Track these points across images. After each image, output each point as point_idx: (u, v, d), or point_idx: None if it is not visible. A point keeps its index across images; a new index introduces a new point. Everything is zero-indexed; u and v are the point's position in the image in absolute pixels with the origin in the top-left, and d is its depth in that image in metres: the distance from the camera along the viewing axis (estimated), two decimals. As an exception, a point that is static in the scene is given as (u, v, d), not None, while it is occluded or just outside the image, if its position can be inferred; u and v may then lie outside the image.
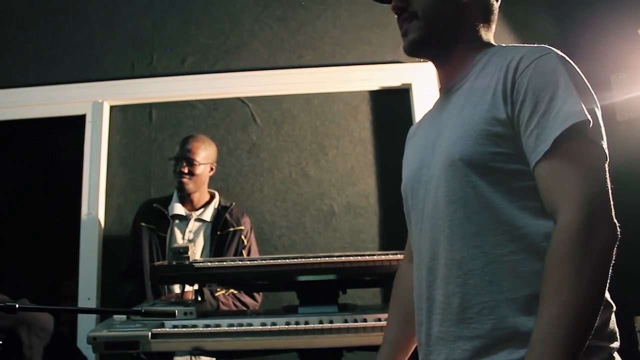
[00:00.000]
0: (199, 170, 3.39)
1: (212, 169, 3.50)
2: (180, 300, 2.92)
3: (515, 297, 1.30)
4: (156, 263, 2.93)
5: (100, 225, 3.90)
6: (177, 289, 3.22)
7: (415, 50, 1.57)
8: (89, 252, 3.85)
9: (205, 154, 3.43)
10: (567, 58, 1.37)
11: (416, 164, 1.58)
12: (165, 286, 3.23)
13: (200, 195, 3.49)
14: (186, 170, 3.36)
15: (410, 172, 1.61)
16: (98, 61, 4.20)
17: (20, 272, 4.38)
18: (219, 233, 3.37)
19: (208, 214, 3.45)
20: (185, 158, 3.37)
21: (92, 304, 3.75)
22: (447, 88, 1.59)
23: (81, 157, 4.02)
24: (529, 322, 1.26)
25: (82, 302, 3.77)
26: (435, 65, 1.64)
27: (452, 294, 1.38)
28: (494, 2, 1.56)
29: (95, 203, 3.91)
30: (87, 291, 3.80)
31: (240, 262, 2.65)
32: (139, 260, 3.34)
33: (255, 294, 3.29)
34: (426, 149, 1.55)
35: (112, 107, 4.11)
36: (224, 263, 2.67)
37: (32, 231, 5.01)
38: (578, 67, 1.36)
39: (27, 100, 4.14)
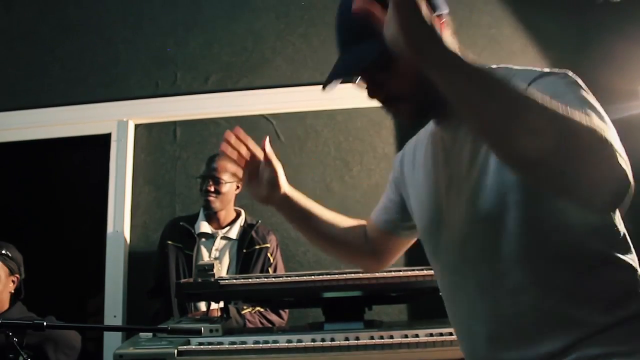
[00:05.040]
0: (225, 188, 3.39)
1: (238, 187, 3.50)
2: (207, 317, 2.93)
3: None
4: (182, 281, 2.94)
5: (126, 242, 3.93)
6: (203, 306, 3.23)
7: (415, 125, 1.48)
8: (115, 270, 3.87)
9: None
10: (580, 82, 1.27)
11: (430, 213, 1.50)
12: (192, 304, 3.23)
13: (227, 213, 3.50)
14: (212, 189, 3.37)
15: (426, 221, 1.52)
16: (123, 80, 4.25)
17: (47, 290, 4.41)
18: (245, 251, 3.37)
19: (234, 232, 3.46)
20: (212, 177, 3.38)
21: (118, 321, 3.76)
22: (445, 120, 1.45)
23: (107, 176, 4.06)
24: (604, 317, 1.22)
25: (108, 320, 3.79)
26: None
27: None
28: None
29: (120, 221, 3.93)
30: (113, 309, 3.82)
31: (265, 280, 2.65)
32: (166, 278, 3.35)
33: (281, 311, 3.28)
34: (438, 194, 1.47)
35: (137, 126, 4.15)
36: (249, 280, 2.67)
37: (58, 249, 5.05)
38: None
39: (53, 120, 4.20)
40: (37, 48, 4.37)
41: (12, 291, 3.07)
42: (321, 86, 1.44)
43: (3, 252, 3.08)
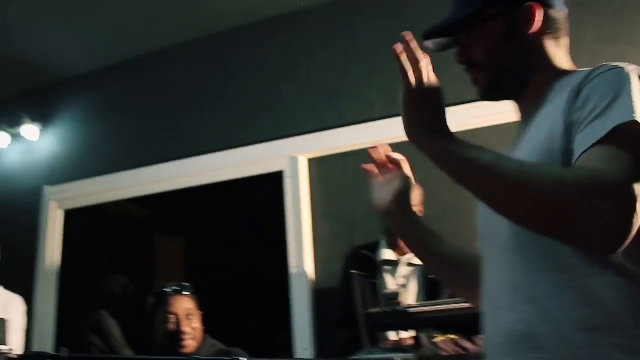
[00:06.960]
0: (410, 213, 3.34)
1: (420, 211, 3.43)
2: (398, 347, 2.89)
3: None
4: (370, 310, 2.92)
5: (309, 276, 3.99)
6: (393, 335, 3.19)
7: (488, 99, 1.49)
8: (301, 303, 3.95)
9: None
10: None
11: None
12: (383, 333, 3.20)
13: (410, 240, 3.44)
14: (397, 214, 3.32)
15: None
16: (289, 117, 4.36)
17: (237, 326, 4.58)
18: (430, 277, 3.29)
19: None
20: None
21: (308, 354, 3.82)
22: (523, 120, 1.45)
23: (283, 212, 4.16)
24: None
25: (299, 353, 3.86)
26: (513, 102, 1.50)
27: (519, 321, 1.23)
28: (558, 18, 1.40)
29: (301, 255, 4.01)
30: (302, 341, 3.89)
31: (455, 305, 2.58)
32: (352, 307, 3.34)
33: (476, 338, 3.18)
34: None
35: (309, 160, 4.23)
36: (439, 307, 2.61)
37: (245, 286, 5.23)
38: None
39: (228, 162, 4.40)
40: (203, 96, 4.64)
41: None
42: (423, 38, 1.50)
43: (186, 292, 3.20)
